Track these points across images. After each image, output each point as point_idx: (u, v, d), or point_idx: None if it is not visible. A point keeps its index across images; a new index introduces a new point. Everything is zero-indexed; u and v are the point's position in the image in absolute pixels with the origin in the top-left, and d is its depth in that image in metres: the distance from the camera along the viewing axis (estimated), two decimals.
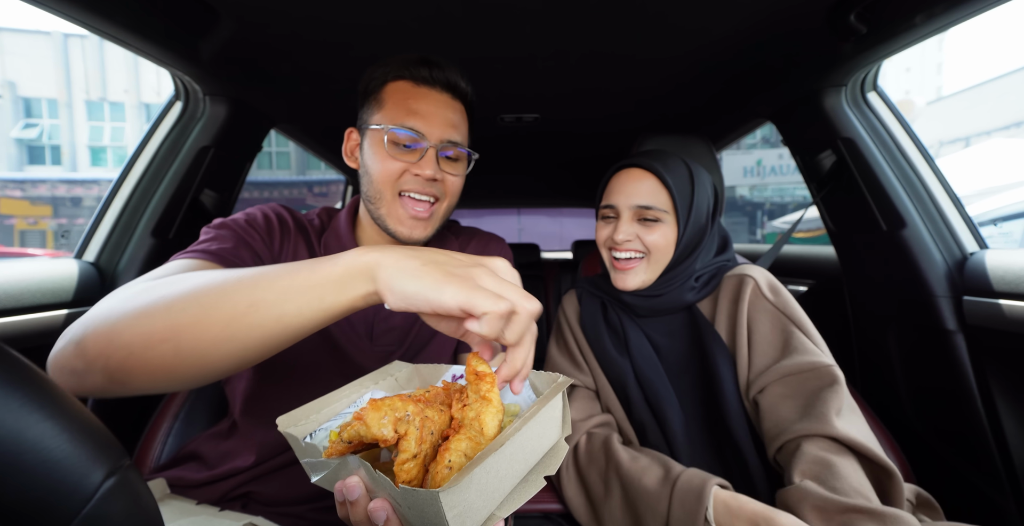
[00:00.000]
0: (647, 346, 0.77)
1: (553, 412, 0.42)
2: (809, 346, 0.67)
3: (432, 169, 0.68)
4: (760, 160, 13.56)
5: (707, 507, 0.55)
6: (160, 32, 0.82)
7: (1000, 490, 0.86)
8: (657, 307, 0.78)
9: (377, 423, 0.33)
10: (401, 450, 0.34)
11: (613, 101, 1.26)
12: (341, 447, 0.36)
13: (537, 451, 0.40)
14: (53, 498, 0.23)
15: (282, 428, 0.41)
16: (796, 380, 0.65)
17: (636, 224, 0.76)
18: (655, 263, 0.76)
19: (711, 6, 0.80)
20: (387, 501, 0.34)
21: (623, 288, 0.78)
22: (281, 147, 14.16)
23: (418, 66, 0.68)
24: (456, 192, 0.75)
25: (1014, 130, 13.72)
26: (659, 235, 0.74)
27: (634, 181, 0.76)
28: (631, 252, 0.76)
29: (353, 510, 0.36)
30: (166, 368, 0.40)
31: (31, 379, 0.25)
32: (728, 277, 0.78)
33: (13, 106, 14.53)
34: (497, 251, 0.87)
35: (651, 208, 0.74)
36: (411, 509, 0.33)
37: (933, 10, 0.73)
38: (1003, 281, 0.83)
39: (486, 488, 0.34)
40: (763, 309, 0.72)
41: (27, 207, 13.79)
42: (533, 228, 3.70)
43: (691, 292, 0.77)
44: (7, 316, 0.81)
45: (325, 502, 0.67)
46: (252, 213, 0.71)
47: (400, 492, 0.32)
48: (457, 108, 0.72)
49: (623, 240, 0.75)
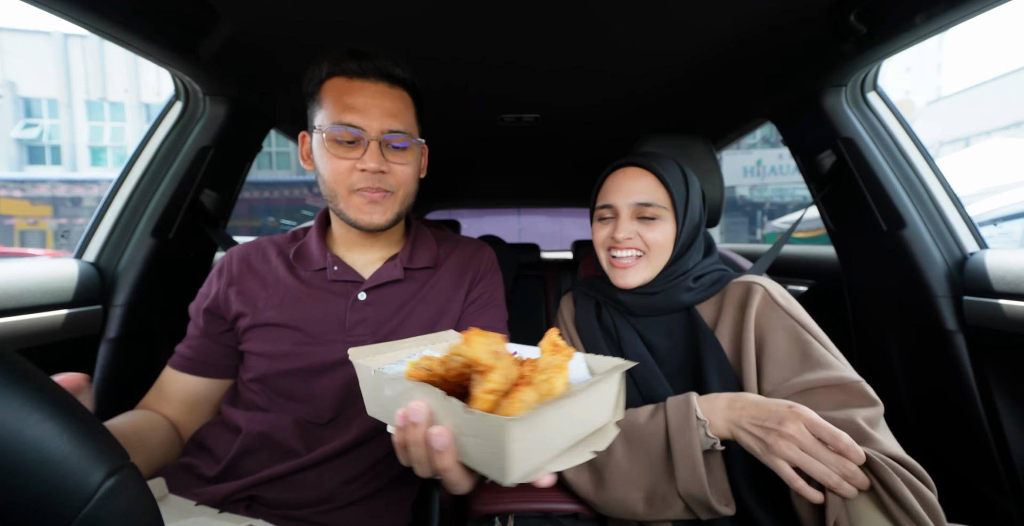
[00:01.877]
0: (641, 346, 0.77)
1: (608, 391, 0.44)
2: (831, 359, 0.64)
3: (376, 162, 0.68)
4: (760, 160, 13.55)
5: (695, 408, 0.61)
6: (160, 32, 0.82)
7: (1000, 490, 0.86)
8: (653, 306, 0.78)
9: (480, 347, 0.37)
10: (487, 380, 0.36)
11: (613, 101, 1.26)
12: (421, 374, 0.40)
13: (589, 424, 0.42)
14: (53, 498, 0.23)
15: (353, 358, 0.47)
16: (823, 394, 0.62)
17: (636, 222, 0.76)
18: (654, 260, 0.76)
19: (711, 6, 0.80)
20: (449, 429, 0.37)
21: (624, 286, 0.77)
22: (281, 147, 14.15)
23: (347, 60, 0.68)
24: (409, 181, 0.74)
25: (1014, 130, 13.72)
26: (659, 232, 0.75)
27: (631, 179, 0.76)
28: (631, 250, 0.76)
29: (413, 432, 0.39)
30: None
31: (31, 379, 0.25)
32: (734, 284, 0.76)
33: (13, 106, 14.53)
34: (484, 259, 0.86)
35: (651, 205, 0.74)
36: (476, 437, 0.35)
37: (933, 10, 0.73)
38: (1003, 281, 0.83)
39: (544, 436, 0.36)
40: (775, 318, 0.69)
41: (27, 207, 13.79)
42: (533, 228, 3.70)
43: (688, 292, 0.76)
44: (7, 316, 0.81)
45: (330, 505, 0.67)
46: (210, 277, 0.80)
47: (470, 418, 0.34)
48: (396, 96, 0.71)
49: (624, 238, 0.75)
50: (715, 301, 0.77)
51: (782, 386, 0.65)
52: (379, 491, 0.71)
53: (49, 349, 0.89)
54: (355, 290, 0.75)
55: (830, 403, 0.61)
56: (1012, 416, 0.86)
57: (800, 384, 0.63)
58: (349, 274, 0.75)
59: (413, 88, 0.74)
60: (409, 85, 0.73)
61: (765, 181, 13.77)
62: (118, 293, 1.01)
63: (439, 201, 2.62)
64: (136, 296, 1.02)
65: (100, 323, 0.98)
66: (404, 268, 0.78)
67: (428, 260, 0.80)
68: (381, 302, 0.75)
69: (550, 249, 2.83)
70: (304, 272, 0.76)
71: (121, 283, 1.01)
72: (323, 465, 0.69)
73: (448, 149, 1.70)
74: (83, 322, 0.94)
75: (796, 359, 0.66)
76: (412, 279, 0.79)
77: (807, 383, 0.63)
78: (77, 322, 0.93)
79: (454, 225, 1.76)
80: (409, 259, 0.79)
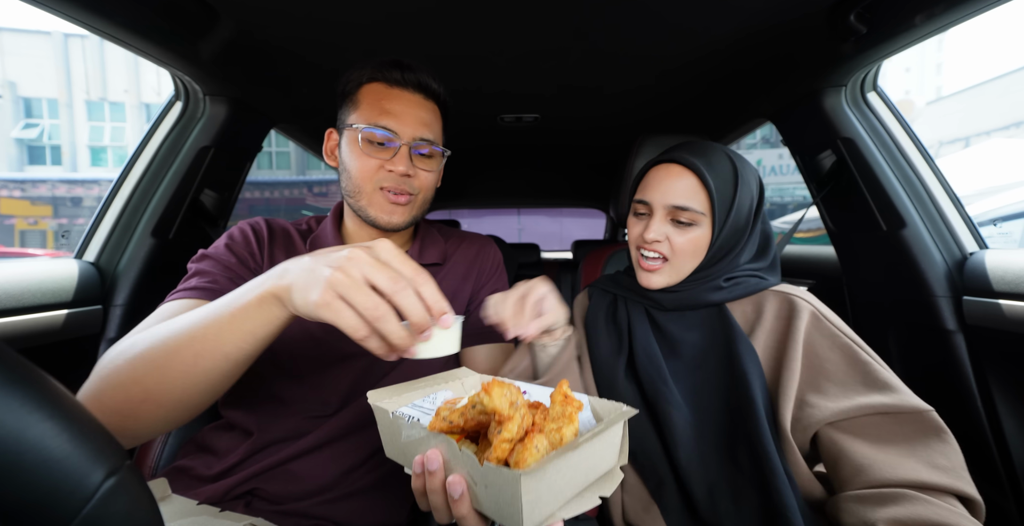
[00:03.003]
0: (653, 345, 0.74)
1: (614, 438, 0.45)
2: (896, 383, 0.60)
3: (405, 165, 0.72)
4: (760, 160, 13.55)
5: None
6: (160, 32, 0.82)
7: (1000, 490, 0.86)
8: (684, 301, 0.75)
9: (500, 397, 0.39)
10: (505, 430, 0.38)
11: (613, 101, 1.26)
12: (442, 425, 0.42)
13: (596, 470, 0.43)
14: (53, 498, 0.23)
15: (372, 401, 0.49)
16: (892, 421, 0.57)
17: (668, 224, 0.72)
18: (680, 266, 0.73)
19: (711, 6, 0.80)
20: (464, 478, 0.38)
21: (647, 287, 0.75)
22: (281, 147, 14.16)
23: (391, 69, 0.73)
24: (430, 187, 0.79)
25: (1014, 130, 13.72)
26: (688, 239, 0.71)
27: (673, 178, 0.71)
28: (658, 253, 0.73)
29: (431, 479, 0.40)
30: (157, 418, 0.49)
31: (31, 379, 0.25)
32: (773, 292, 0.72)
33: (13, 106, 14.54)
34: (489, 255, 0.89)
35: (687, 209, 0.70)
36: (488, 488, 0.36)
37: (933, 10, 0.73)
38: (1003, 281, 0.83)
39: (554, 485, 0.37)
40: (831, 337, 0.65)
41: (27, 207, 13.79)
42: (533, 228, 3.70)
43: (717, 292, 0.73)
44: (7, 316, 0.81)
45: (329, 495, 0.68)
46: (231, 232, 0.76)
47: (483, 470, 0.36)
48: (429, 108, 0.76)
49: (652, 239, 0.72)
50: (749, 305, 0.73)
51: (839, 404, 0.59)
52: (378, 484, 0.71)
53: (49, 349, 0.89)
54: None
55: (891, 434, 0.56)
56: (1012, 416, 0.86)
57: (862, 408, 0.58)
58: None
59: (444, 103, 0.80)
60: (441, 100, 0.79)
61: (765, 181, 13.75)
62: (118, 293, 1.01)
63: (439, 201, 2.62)
64: (136, 296, 1.02)
65: (100, 323, 0.98)
66: None
67: (436, 257, 0.84)
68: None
69: (550, 249, 2.84)
70: None
71: (121, 283, 1.01)
72: (322, 451, 0.69)
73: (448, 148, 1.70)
74: (83, 322, 0.94)
75: (858, 379, 0.61)
76: None
77: (873, 407, 0.57)
78: (77, 322, 0.93)
79: (454, 225, 1.76)
80: (419, 256, 0.82)
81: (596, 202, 2.64)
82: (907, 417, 0.56)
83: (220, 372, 0.49)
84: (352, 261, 0.43)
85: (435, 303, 0.45)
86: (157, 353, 0.48)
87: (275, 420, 0.70)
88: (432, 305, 0.44)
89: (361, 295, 0.42)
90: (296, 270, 0.45)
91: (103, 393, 0.48)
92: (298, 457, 0.68)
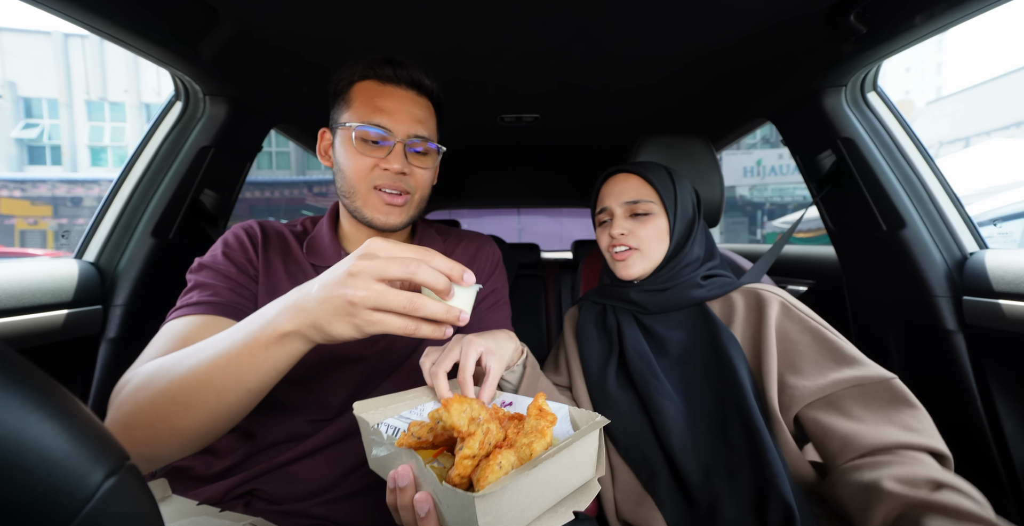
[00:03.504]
0: (642, 343, 0.79)
1: (588, 449, 0.44)
2: (861, 356, 0.67)
3: (400, 163, 0.71)
4: (760, 160, 13.55)
5: None
6: (160, 32, 0.82)
7: (1000, 490, 0.86)
8: (666, 302, 0.82)
9: (457, 414, 0.39)
10: (466, 446, 0.39)
11: (613, 101, 1.26)
12: (410, 441, 0.42)
13: (569, 484, 0.42)
14: (53, 498, 0.23)
15: (357, 412, 0.49)
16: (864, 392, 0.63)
17: (630, 220, 0.84)
18: (649, 253, 0.82)
19: (711, 6, 0.80)
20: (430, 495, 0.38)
21: (626, 277, 0.84)
22: (281, 147, 14.16)
23: (383, 65, 0.72)
24: (426, 185, 0.78)
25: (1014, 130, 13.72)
26: (651, 227, 0.82)
27: (620, 182, 0.86)
28: (625, 245, 0.83)
29: (401, 496, 0.41)
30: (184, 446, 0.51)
31: (31, 379, 0.25)
32: (745, 289, 0.80)
33: (13, 106, 14.53)
34: (488, 254, 0.89)
35: (639, 201, 0.82)
36: (449, 508, 0.37)
37: (933, 10, 0.73)
38: (1003, 281, 0.83)
39: (516, 505, 0.36)
40: (799, 322, 0.72)
41: (27, 207, 13.79)
42: (533, 228, 3.71)
43: (699, 289, 0.81)
44: (7, 316, 0.81)
45: (329, 496, 0.68)
46: (226, 238, 0.75)
47: (443, 490, 0.36)
48: (423, 104, 0.75)
49: (619, 233, 0.82)
50: (724, 303, 0.80)
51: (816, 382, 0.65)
52: (378, 484, 0.71)
53: (49, 349, 0.89)
54: None
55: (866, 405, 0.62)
56: (1012, 416, 0.86)
57: (836, 383, 0.63)
58: None
59: (437, 100, 0.79)
60: (435, 96, 0.77)
61: (765, 181, 13.77)
62: (118, 293, 1.01)
63: (439, 201, 2.62)
64: (136, 296, 1.02)
65: (100, 323, 0.98)
66: None
67: None
68: None
69: (550, 249, 2.84)
70: (319, 266, 0.77)
71: (121, 283, 1.01)
72: (322, 453, 0.69)
73: (448, 148, 1.70)
74: (83, 322, 0.94)
75: (828, 357, 0.67)
76: None
77: (846, 381, 0.63)
78: (77, 322, 0.93)
79: (454, 225, 1.76)
80: None
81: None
82: (876, 386, 0.63)
83: (244, 404, 0.50)
84: (359, 274, 0.43)
85: (451, 269, 0.45)
86: (179, 392, 0.48)
87: (276, 423, 0.70)
88: (450, 272, 0.44)
89: (391, 297, 0.42)
90: (312, 304, 0.44)
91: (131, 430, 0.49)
92: (298, 459, 0.68)
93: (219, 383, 0.47)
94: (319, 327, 0.44)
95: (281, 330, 0.45)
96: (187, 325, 0.62)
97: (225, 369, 0.47)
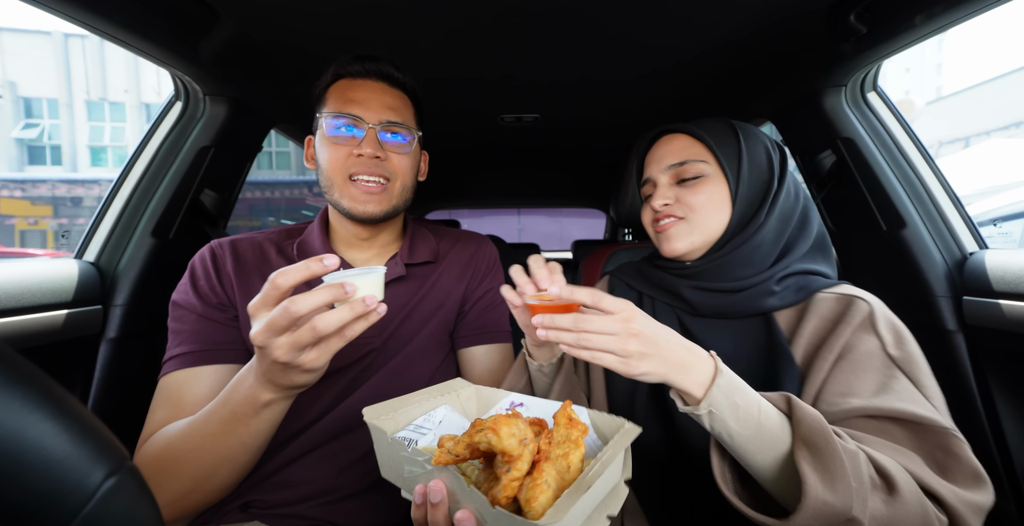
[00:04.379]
0: None
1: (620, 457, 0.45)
2: (919, 398, 0.51)
3: (373, 147, 0.71)
4: None
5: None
6: (160, 32, 0.82)
7: (1000, 490, 0.86)
8: (724, 308, 0.64)
9: (508, 437, 0.38)
10: (515, 468, 0.38)
11: (613, 101, 1.26)
12: (447, 458, 0.41)
13: (603, 491, 0.43)
14: (53, 498, 0.23)
15: (368, 419, 0.50)
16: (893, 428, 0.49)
17: (676, 187, 0.67)
18: (700, 225, 0.65)
19: (711, 6, 0.80)
20: (473, 514, 0.38)
21: (671, 253, 0.67)
22: (281, 147, 14.16)
23: (351, 63, 0.73)
24: (406, 171, 0.76)
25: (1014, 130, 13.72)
26: (704, 193, 0.64)
27: (664, 145, 0.70)
28: (672, 216, 0.66)
29: (433, 513, 0.41)
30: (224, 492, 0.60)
31: (31, 379, 0.25)
32: (827, 294, 0.62)
33: (13, 106, 14.53)
34: (485, 253, 0.88)
35: (685, 163, 0.65)
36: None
37: (933, 10, 0.73)
38: (1003, 281, 0.83)
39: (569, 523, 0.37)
40: (871, 345, 0.55)
41: (27, 207, 13.79)
42: (533, 228, 3.71)
43: (771, 297, 0.62)
44: (7, 316, 0.81)
45: (326, 498, 0.67)
46: (192, 266, 0.74)
47: (495, 513, 0.36)
48: (395, 94, 0.75)
49: (661, 204, 0.66)
50: (797, 309, 0.63)
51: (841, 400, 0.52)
52: (375, 484, 0.71)
53: (49, 349, 0.89)
54: None
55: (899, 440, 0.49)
56: (1012, 416, 0.86)
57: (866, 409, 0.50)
58: None
59: (413, 93, 0.79)
60: (409, 89, 0.78)
61: None
62: (118, 293, 1.01)
63: (439, 201, 2.62)
64: (136, 296, 1.02)
65: (100, 323, 0.98)
66: (405, 264, 0.79)
67: (428, 255, 0.82)
68: (387, 301, 0.76)
69: (550, 249, 2.84)
70: None
71: (121, 283, 1.01)
72: (311, 455, 0.69)
73: (448, 149, 1.70)
74: (83, 322, 0.94)
75: (873, 384, 0.52)
76: (414, 276, 0.80)
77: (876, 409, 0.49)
78: (77, 322, 0.93)
79: (454, 225, 1.76)
80: (409, 255, 0.81)
81: (596, 202, 2.64)
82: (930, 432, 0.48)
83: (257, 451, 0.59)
84: (264, 346, 0.46)
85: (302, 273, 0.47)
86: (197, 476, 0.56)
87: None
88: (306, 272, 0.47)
89: (301, 338, 0.45)
90: (266, 373, 0.49)
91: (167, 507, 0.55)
92: (288, 464, 0.68)
93: (227, 452, 0.55)
94: (286, 387, 0.51)
95: (262, 401, 0.52)
96: (178, 382, 0.66)
97: (228, 439, 0.54)
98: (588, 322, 0.46)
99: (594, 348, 0.46)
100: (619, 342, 0.45)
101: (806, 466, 0.42)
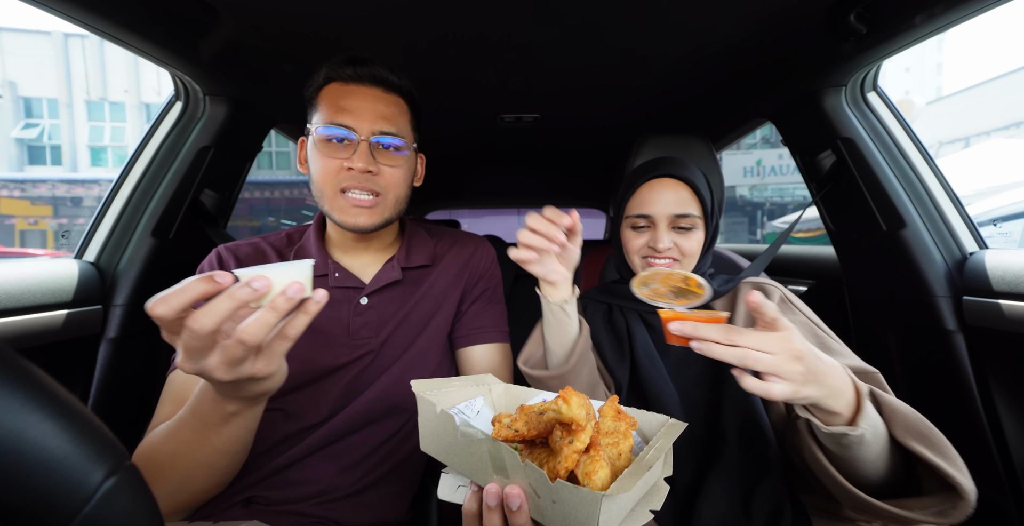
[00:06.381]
0: (651, 346, 0.79)
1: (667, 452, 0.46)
2: (848, 351, 0.67)
3: (364, 161, 0.68)
4: (760, 160, 13.54)
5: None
6: (160, 32, 0.82)
7: (1000, 490, 0.86)
8: None
9: (577, 407, 0.39)
10: (578, 440, 0.39)
11: (613, 101, 1.26)
12: (508, 433, 0.42)
13: (648, 484, 0.44)
14: (53, 498, 0.23)
15: (417, 390, 0.50)
16: None
17: (672, 232, 0.79)
18: (686, 267, 0.80)
19: (711, 6, 0.80)
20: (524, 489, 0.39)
21: None
22: (281, 147, 14.15)
23: (344, 66, 0.70)
24: (399, 184, 0.74)
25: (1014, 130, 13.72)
26: (694, 241, 0.79)
27: (669, 190, 0.79)
28: (668, 259, 0.79)
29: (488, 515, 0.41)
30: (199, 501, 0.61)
31: (31, 379, 0.25)
32: (746, 284, 0.82)
33: (13, 106, 14.53)
34: (483, 254, 0.88)
35: (688, 216, 0.78)
36: (557, 503, 0.37)
37: (933, 10, 0.73)
38: (1003, 281, 0.83)
39: (624, 505, 0.38)
40: (791, 316, 0.74)
41: (27, 207, 13.79)
42: None
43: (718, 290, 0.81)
44: (7, 316, 0.81)
45: (328, 496, 0.68)
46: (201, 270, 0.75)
47: (555, 486, 0.36)
48: (390, 101, 0.72)
49: (665, 248, 0.78)
50: (728, 299, 0.81)
51: None
52: (376, 483, 0.71)
53: (49, 349, 0.89)
54: (357, 295, 0.75)
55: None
56: (1012, 416, 0.86)
57: None
58: (350, 280, 0.76)
59: (410, 97, 0.76)
60: (405, 92, 0.75)
61: (765, 181, 13.76)
62: (118, 293, 1.01)
63: (439, 201, 2.62)
64: (136, 296, 1.02)
65: (100, 323, 0.98)
66: (402, 268, 0.79)
67: (425, 258, 0.82)
68: (382, 304, 0.76)
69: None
70: None
71: (121, 283, 1.01)
72: (316, 456, 0.69)
73: (448, 149, 1.70)
74: (83, 322, 0.94)
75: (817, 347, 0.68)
76: (410, 279, 0.80)
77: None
78: (77, 322, 0.93)
79: (454, 225, 1.76)
80: (406, 259, 0.80)
81: (596, 202, 2.63)
82: (860, 377, 0.60)
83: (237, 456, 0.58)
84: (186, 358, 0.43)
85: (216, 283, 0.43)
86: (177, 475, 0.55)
87: (267, 430, 0.69)
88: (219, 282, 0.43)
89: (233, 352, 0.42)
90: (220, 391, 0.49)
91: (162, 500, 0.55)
92: (293, 464, 0.68)
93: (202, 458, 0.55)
94: (248, 398, 0.50)
95: (228, 411, 0.51)
96: (184, 379, 0.66)
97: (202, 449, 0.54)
98: (744, 337, 0.45)
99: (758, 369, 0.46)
100: (782, 363, 0.45)
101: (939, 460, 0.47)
